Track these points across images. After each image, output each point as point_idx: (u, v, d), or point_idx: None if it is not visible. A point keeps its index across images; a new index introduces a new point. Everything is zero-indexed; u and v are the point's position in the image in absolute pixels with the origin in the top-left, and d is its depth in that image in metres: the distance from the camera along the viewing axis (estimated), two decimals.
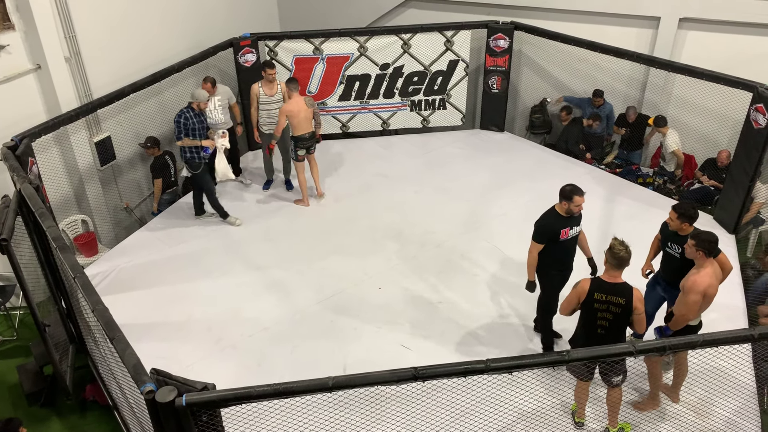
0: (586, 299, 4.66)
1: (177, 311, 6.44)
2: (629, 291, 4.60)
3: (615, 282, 4.62)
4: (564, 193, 5.22)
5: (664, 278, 5.47)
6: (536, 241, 5.34)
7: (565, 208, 5.24)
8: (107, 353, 5.06)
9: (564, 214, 5.27)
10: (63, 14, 6.98)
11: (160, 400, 3.26)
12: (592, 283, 4.68)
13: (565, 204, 5.22)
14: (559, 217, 5.28)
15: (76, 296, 5.62)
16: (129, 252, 7.36)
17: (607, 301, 4.60)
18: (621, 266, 4.60)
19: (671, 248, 5.27)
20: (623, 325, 4.68)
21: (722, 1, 8.14)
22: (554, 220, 5.29)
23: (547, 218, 5.33)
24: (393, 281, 6.82)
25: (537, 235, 5.33)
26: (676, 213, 5.11)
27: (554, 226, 5.26)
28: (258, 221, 7.88)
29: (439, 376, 3.55)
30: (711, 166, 8.30)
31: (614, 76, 9.01)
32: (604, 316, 4.64)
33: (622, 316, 4.61)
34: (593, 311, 4.65)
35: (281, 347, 5.98)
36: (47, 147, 6.95)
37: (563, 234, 5.27)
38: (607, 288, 4.61)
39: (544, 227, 5.30)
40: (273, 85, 7.97)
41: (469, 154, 9.36)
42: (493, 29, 9.18)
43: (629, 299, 4.56)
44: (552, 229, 5.27)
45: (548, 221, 5.31)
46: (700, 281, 4.65)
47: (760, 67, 7.90)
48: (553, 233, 5.27)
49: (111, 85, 7.51)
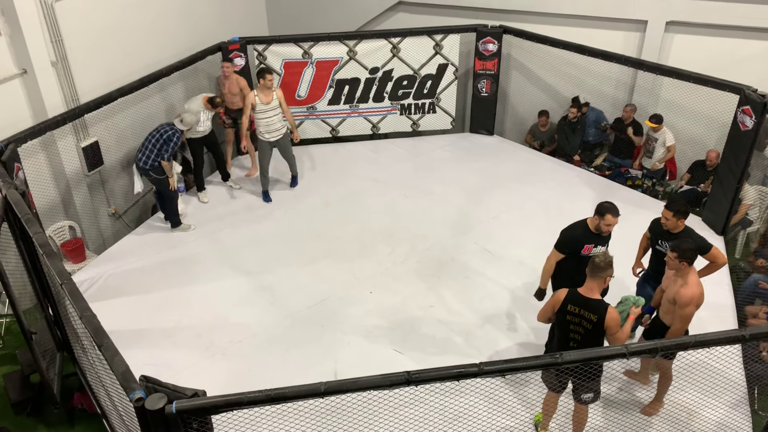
0: (560, 309, 4.55)
1: (166, 317, 6.38)
2: (603, 309, 4.40)
3: (589, 297, 4.45)
4: (599, 209, 5.07)
5: (653, 276, 5.49)
6: (557, 250, 5.23)
7: (595, 224, 5.11)
8: (95, 360, 4.99)
9: (593, 230, 5.13)
10: (49, 18, 6.91)
11: (150, 408, 3.22)
12: (567, 294, 4.55)
13: (597, 219, 5.08)
14: (588, 232, 5.14)
15: (63, 303, 5.55)
16: (117, 258, 7.29)
17: (579, 314, 4.46)
18: (596, 276, 4.42)
19: (662, 246, 5.28)
20: (596, 342, 4.46)
21: (708, 4, 8.21)
22: (581, 232, 5.15)
23: (575, 229, 5.19)
24: (384, 285, 6.80)
25: (560, 244, 5.22)
26: (672, 212, 5.08)
27: (580, 238, 5.13)
28: (247, 226, 7.84)
29: (432, 380, 3.53)
30: (699, 168, 8.36)
31: (602, 79, 9.06)
32: (577, 329, 4.50)
33: (594, 333, 4.42)
34: (566, 323, 4.53)
35: (272, 353, 5.94)
36: (34, 152, 6.87)
37: (586, 249, 5.12)
38: (581, 301, 4.46)
39: (569, 238, 5.18)
40: (269, 93, 7.80)
41: (459, 157, 9.37)
42: (482, 33, 9.21)
43: (601, 317, 4.37)
44: (577, 241, 5.13)
45: (575, 233, 5.17)
46: (692, 293, 4.65)
47: (746, 69, 7.97)
48: (576, 246, 5.13)
49: (98, 90, 7.45)
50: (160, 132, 7.34)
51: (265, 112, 7.81)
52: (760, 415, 5.25)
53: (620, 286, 6.63)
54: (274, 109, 7.85)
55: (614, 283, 6.66)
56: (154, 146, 7.28)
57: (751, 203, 7.54)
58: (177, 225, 7.71)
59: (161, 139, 7.28)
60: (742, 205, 7.48)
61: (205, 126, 8.00)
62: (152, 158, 7.29)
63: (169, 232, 7.71)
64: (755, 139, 6.93)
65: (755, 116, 6.83)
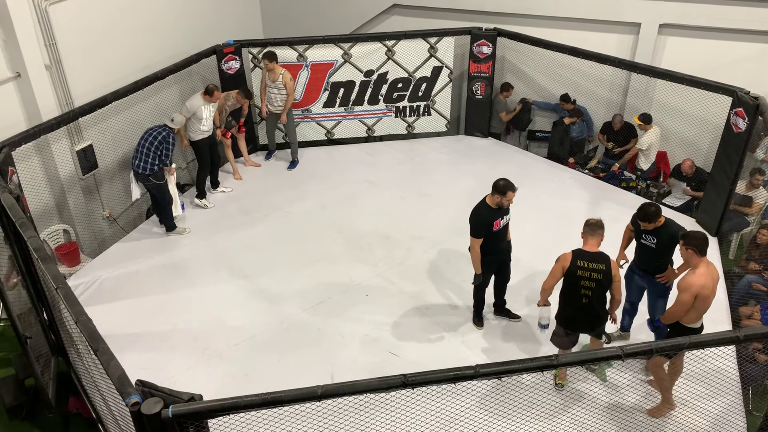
0: (570, 269, 5.03)
1: (162, 321, 6.36)
2: (607, 257, 5.03)
3: (593, 251, 5.04)
4: (498, 188, 5.58)
5: (640, 267, 5.66)
6: (477, 236, 5.71)
7: (497, 201, 5.60)
8: (91, 365, 4.98)
9: (495, 207, 5.63)
10: (43, 21, 6.90)
11: (146, 412, 3.21)
12: (573, 253, 5.06)
13: (498, 197, 5.58)
14: (492, 210, 5.65)
15: (58, 307, 5.53)
16: (112, 262, 7.27)
17: (589, 268, 4.98)
18: (595, 233, 5.05)
19: (646, 239, 5.47)
20: (605, 293, 5.10)
21: (701, 7, 8.26)
22: (488, 212, 5.65)
23: (481, 213, 5.68)
24: (380, 288, 6.80)
25: (477, 230, 5.69)
26: (646, 222, 5.34)
27: (489, 218, 5.64)
28: (243, 229, 7.83)
29: (428, 382, 3.54)
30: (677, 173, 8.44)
31: (596, 81, 9.10)
32: (588, 285, 5.01)
33: (604, 282, 5.00)
34: (577, 279, 5.02)
35: (268, 356, 5.93)
36: (28, 156, 6.84)
37: (496, 225, 5.68)
38: (588, 256, 5.02)
39: (481, 221, 5.66)
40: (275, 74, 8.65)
41: (454, 159, 9.39)
42: (477, 36, 9.24)
43: (608, 264, 4.99)
44: (488, 221, 5.64)
45: (484, 215, 5.66)
46: (693, 281, 4.71)
47: (738, 71, 8.02)
48: (489, 225, 5.64)
49: (92, 93, 7.42)
50: (153, 135, 7.28)
51: (270, 89, 8.80)
52: (755, 415, 5.27)
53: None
54: (279, 88, 8.71)
55: None
56: (149, 150, 7.23)
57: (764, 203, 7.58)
58: (172, 229, 7.69)
59: (155, 142, 7.22)
60: (754, 204, 7.49)
61: (209, 124, 7.97)
62: (150, 163, 7.24)
63: (164, 236, 7.69)
64: (748, 140, 6.97)
65: (748, 118, 6.87)
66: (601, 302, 5.12)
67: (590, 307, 5.09)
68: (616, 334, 6.01)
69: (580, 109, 9.14)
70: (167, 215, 7.62)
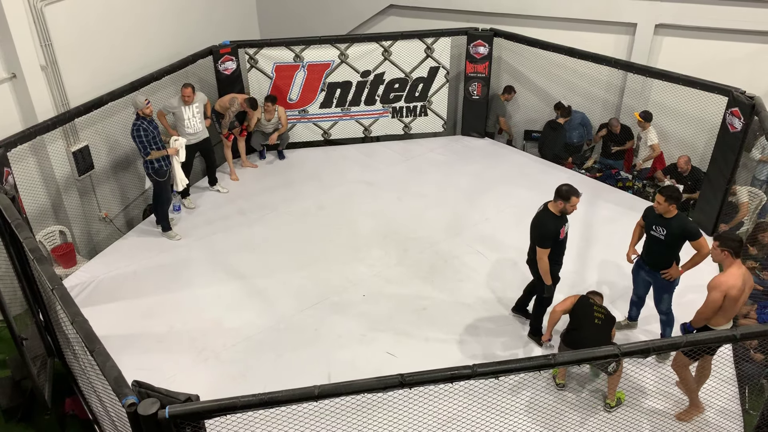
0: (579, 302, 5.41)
1: (158, 322, 6.35)
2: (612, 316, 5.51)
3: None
4: (561, 194, 5.31)
5: (646, 262, 5.67)
6: (546, 246, 5.43)
7: (560, 208, 5.33)
8: (87, 366, 4.96)
9: (559, 214, 5.36)
10: (39, 22, 6.88)
11: (143, 413, 3.20)
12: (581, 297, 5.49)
13: (561, 204, 5.31)
14: (556, 218, 5.39)
15: (54, 308, 5.51)
16: (108, 263, 7.25)
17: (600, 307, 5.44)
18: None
19: (656, 231, 5.46)
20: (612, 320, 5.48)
21: (697, 7, 8.29)
22: (553, 222, 5.40)
23: (547, 222, 5.42)
24: (377, 288, 6.80)
25: (546, 241, 5.41)
26: (664, 196, 5.27)
27: (556, 227, 5.39)
28: (239, 230, 7.81)
29: (425, 382, 3.53)
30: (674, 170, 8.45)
31: (592, 81, 9.11)
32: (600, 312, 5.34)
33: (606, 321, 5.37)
34: (589, 307, 5.35)
35: (265, 356, 5.92)
36: (23, 157, 6.82)
37: (561, 233, 5.42)
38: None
39: (549, 231, 5.40)
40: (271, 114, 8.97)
41: (450, 160, 9.39)
42: (473, 36, 9.25)
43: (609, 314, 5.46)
44: (556, 230, 5.38)
45: (551, 224, 5.40)
46: (723, 281, 4.70)
47: (734, 71, 8.04)
48: (556, 234, 5.39)
49: (88, 94, 7.40)
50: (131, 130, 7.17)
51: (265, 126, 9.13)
52: (751, 414, 5.28)
53: (616, 273, 6.72)
54: (273, 124, 9.10)
55: (610, 272, 6.77)
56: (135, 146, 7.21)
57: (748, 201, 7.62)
58: (167, 230, 7.67)
59: (132, 136, 7.11)
60: (741, 204, 7.53)
61: (194, 127, 7.92)
62: (142, 158, 7.24)
63: (160, 237, 7.67)
64: (744, 140, 7.00)
65: (744, 118, 6.89)
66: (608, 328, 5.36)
67: (601, 327, 5.25)
68: (624, 322, 6.07)
69: (569, 108, 9.13)
70: (163, 215, 7.60)
